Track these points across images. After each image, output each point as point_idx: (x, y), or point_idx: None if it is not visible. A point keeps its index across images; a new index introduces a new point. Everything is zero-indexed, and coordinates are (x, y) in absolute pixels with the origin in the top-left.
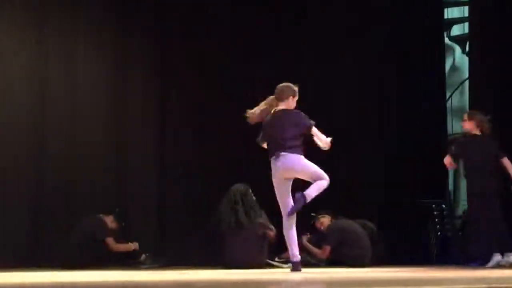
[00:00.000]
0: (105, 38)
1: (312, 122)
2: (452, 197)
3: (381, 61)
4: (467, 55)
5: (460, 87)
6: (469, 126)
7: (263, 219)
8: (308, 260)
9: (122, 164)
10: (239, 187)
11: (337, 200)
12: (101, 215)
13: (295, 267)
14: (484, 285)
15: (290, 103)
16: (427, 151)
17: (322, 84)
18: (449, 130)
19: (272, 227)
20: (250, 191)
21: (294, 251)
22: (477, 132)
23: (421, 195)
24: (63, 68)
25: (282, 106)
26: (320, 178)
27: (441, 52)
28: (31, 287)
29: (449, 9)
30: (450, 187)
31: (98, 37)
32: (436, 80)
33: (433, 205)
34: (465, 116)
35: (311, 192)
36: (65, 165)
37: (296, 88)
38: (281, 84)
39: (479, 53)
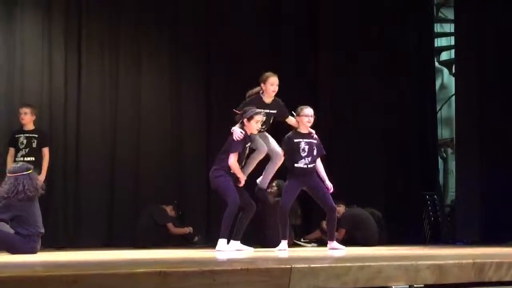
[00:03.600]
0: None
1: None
2: (442, 189)
3: (385, 81)
4: (453, 75)
5: (448, 101)
6: None
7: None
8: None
9: (179, 166)
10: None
11: (351, 193)
12: (163, 205)
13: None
14: (470, 260)
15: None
16: (423, 152)
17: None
18: (439, 136)
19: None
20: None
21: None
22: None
23: (417, 188)
24: (130, 85)
25: None
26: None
27: (432, 73)
28: (103, 262)
29: (438, 39)
30: (441, 181)
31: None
32: (428, 96)
33: (427, 196)
34: None
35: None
36: (134, 166)
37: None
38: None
39: (463, 74)
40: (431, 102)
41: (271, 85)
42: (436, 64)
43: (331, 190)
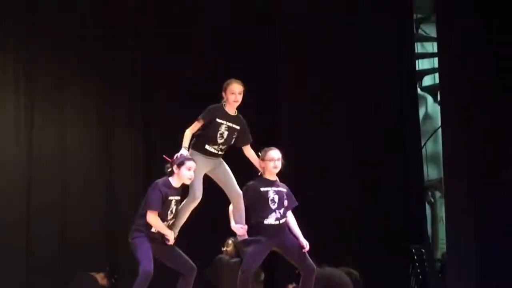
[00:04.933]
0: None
1: None
2: (430, 240)
3: (359, 112)
4: (438, 104)
5: (434, 135)
6: None
7: None
8: None
9: (112, 224)
10: None
11: (322, 249)
12: (93, 272)
13: None
14: None
15: None
16: (407, 197)
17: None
18: (426, 177)
19: None
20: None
21: None
22: None
23: (401, 241)
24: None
25: None
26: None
27: (415, 102)
28: None
29: (419, 60)
30: (429, 231)
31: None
32: (411, 129)
33: (413, 250)
34: None
35: None
36: (58, 225)
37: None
38: None
39: (449, 102)
40: (414, 137)
41: (231, 94)
42: (419, 90)
43: (307, 248)
